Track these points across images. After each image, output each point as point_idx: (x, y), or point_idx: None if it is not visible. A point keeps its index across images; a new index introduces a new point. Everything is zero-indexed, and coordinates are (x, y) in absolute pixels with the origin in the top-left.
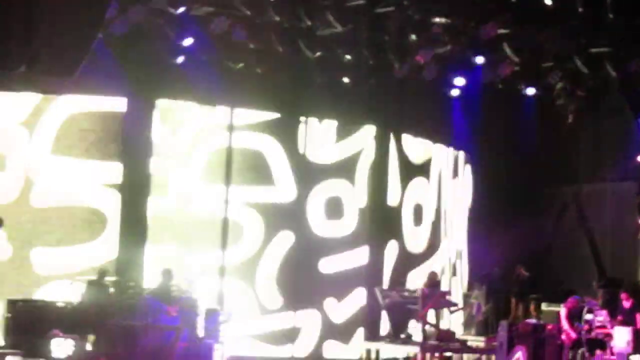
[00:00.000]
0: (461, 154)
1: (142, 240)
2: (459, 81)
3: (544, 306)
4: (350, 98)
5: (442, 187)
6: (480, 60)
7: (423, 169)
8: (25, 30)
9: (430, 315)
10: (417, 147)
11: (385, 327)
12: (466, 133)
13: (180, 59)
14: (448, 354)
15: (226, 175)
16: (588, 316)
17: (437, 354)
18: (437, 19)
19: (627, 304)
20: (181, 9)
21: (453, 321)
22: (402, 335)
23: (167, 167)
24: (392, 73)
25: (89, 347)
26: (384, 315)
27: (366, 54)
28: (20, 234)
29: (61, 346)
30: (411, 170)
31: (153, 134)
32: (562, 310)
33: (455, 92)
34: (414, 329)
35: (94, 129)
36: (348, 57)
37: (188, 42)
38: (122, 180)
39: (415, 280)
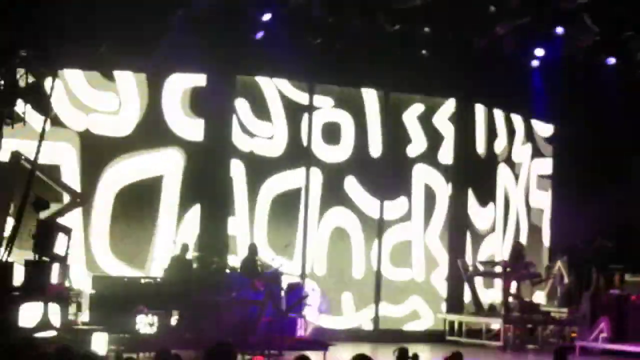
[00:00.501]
0: (542, 125)
1: (225, 215)
2: (539, 52)
3: (627, 277)
4: (429, 72)
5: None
6: (560, 31)
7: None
8: (105, 9)
9: (513, 287)
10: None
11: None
12: (547, 104)
13: (260, 35)
14: (531, 325)
15: (307, 148)
16: None
17: (520, 326)
18: None
19: None
20: None
21: (536, 293)
22: (485, 307)
23: (250, 144)
24: (471, 46)
25: (173, 322)
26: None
27: (445, 27)
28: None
29: (146, 322)
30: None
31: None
32: None
33: (535, 63)
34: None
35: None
36: (427, 29)
37: (267, 17)
38: (204, 156)
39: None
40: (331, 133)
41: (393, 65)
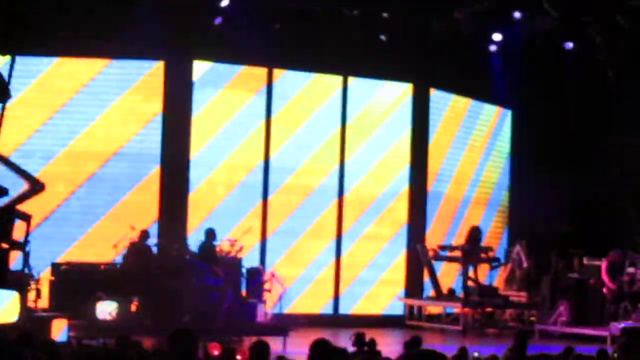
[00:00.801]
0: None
1: (184, 203)
2: (497, 37)
3: (586, 261)
4: (387, 56)
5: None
6: (518, 15)
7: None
8: None
9: (472, 272)
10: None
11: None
12: (506, 87)
13: (218, 20)
14: (490, 309)
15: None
16: (630, 269)
17: (479, 310)
18: None
19: None
20: None
21: (495, 277)
22: (445, 292)
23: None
24: (430, 30)
25: (133, 309)
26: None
27: (405, 12)
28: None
29: (105, 308)
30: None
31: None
32: (603, 263)
33: (493, 48)
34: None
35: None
36: (385, 15)
37: (224, 2)
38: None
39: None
40: None
41: (352, 50)
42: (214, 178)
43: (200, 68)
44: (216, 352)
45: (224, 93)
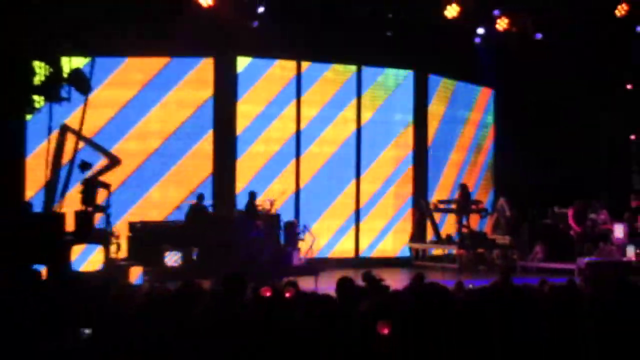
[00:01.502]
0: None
1: (232, 170)
2: (480, 31)
3: (556, 209)
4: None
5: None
6: (497, 12)
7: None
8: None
9: (465, 221)
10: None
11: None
12: (490, 72)
13: (256, 23)
14: (481, 250)
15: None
16: (592, 215)
17: (472, 251)
18: None
19: (635, 203)
20: None
21: (484, 224)
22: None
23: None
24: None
25: (194, 257)
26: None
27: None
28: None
29: (172, 257)
30: None
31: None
32: (570, 211)
33: (478, 40)
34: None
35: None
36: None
37: (261, 9)
38: (212, 123)
39: None
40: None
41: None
42: (255, 149)
43: (243, 62)
44: (268, 294)
45: (262, 82)
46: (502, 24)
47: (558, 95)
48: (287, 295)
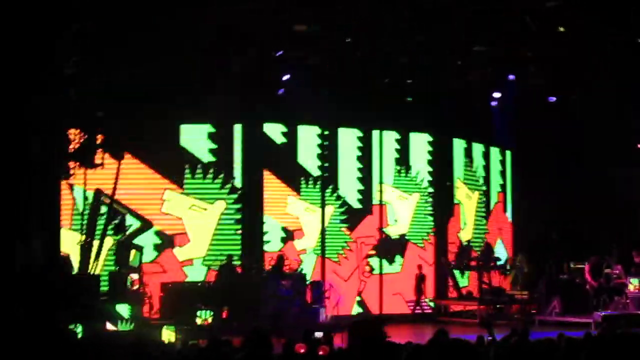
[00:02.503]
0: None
1: (261, 232)
2: (496, 94)
3: (572, 265)
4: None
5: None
6: (512, 77)
7: None
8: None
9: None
10: None
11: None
12: (505, 133)
13: (281, 91)
14: (500, 305)
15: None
16: (607, 270)
17: (491, 306)
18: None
19: (637, 259)
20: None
21: (503, 280)
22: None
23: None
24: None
25: (224, 315)
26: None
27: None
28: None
29: (203, 316)
30: None
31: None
32: (586, 266)
33: (494, 103)
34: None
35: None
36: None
37: (286, 77)
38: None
39: None
40: None
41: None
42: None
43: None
44: (302, 350)
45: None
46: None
47: (572, 154)
48: (321, 353)
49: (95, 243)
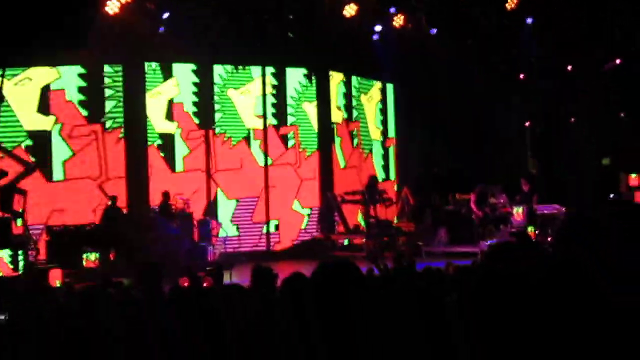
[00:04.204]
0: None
1: (146, 171)
2: (377, 28)
3: (457, 195)
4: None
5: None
6: (392, 10)
7: None
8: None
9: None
10: None
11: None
12: (389, 68)
13: (162, 29)
14: (387, 238)
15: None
16: (492, 200)
17: (378, 239)
18: None
19: (525, 187)
20: None
21: (389, 212)
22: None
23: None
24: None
25: (111, 258)
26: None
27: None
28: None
29: (90, 259)
30: None
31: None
32: (471, 196)
33: (376, 37)
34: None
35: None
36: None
37: (165, 15)
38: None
39: None
40: None
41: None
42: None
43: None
44: (186, 284)
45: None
46: (398, 21)
47: (455, 88)
48: (206, 284)
49: None
